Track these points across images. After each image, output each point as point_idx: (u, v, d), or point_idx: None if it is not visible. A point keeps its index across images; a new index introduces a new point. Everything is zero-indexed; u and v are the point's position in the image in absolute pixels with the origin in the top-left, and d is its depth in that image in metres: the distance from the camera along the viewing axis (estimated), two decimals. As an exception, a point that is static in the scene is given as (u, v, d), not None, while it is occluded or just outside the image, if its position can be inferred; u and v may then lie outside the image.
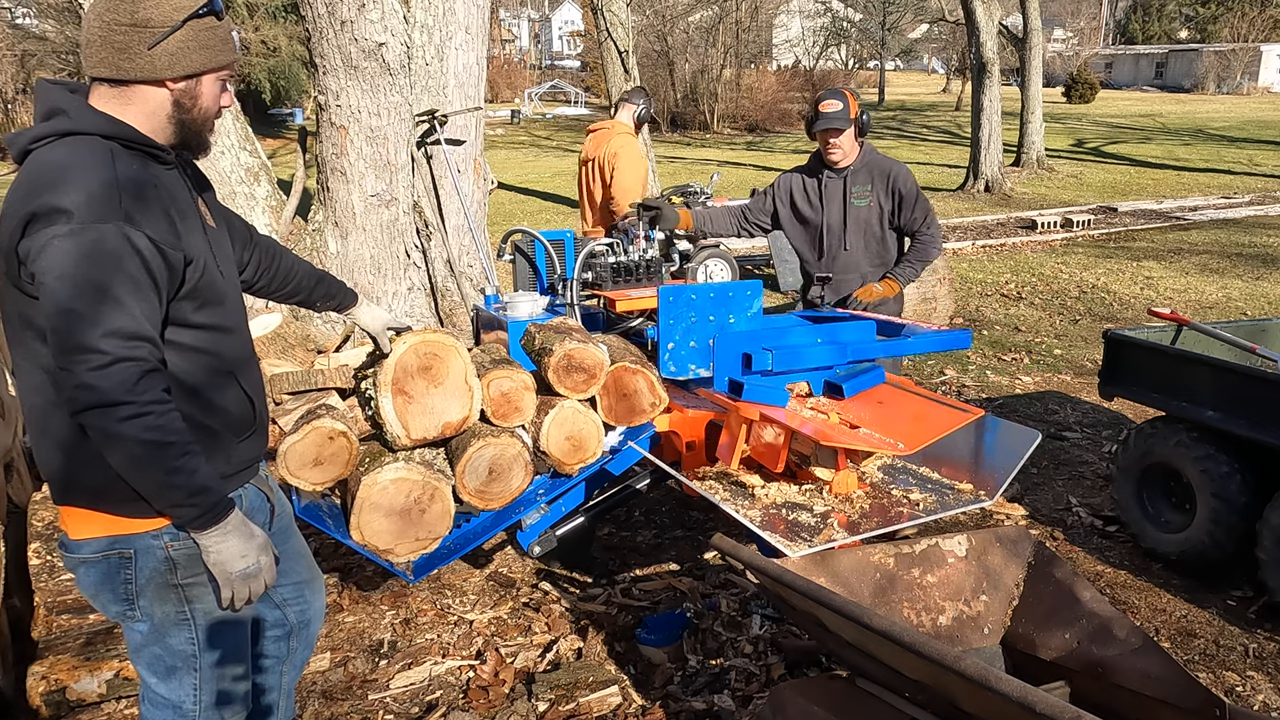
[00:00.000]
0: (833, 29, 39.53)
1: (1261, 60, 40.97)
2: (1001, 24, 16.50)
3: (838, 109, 3.67)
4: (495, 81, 37.00)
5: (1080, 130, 25.03)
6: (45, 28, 22.91)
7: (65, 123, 1.61)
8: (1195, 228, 11.69)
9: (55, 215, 1.52)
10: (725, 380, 2.87)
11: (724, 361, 2.92)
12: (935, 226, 3.83)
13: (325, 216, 5.74)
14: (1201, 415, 3.45)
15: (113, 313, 1.54)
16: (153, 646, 1.83)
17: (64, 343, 1.53)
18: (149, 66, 1.64)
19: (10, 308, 1.65)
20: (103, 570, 1.75)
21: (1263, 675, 2.95)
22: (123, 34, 1.61)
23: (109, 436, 1.56)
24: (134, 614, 1.79)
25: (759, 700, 2.71)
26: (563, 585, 3.49)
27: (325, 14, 5.14)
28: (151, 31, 1.62)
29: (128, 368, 1.55)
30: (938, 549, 2.44)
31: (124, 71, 1.64)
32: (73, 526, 1.73)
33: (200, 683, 1.88)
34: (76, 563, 1.76)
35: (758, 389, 2.74)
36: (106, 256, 1.54)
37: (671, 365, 3.21)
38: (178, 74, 1.67)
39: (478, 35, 5.84)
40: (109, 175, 1.58)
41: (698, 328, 3.21)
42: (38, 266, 1.53)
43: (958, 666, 1.57)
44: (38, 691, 2.56)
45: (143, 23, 1.61)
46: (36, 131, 1.61)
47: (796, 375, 2.90)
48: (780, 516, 2.59)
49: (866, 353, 3.06)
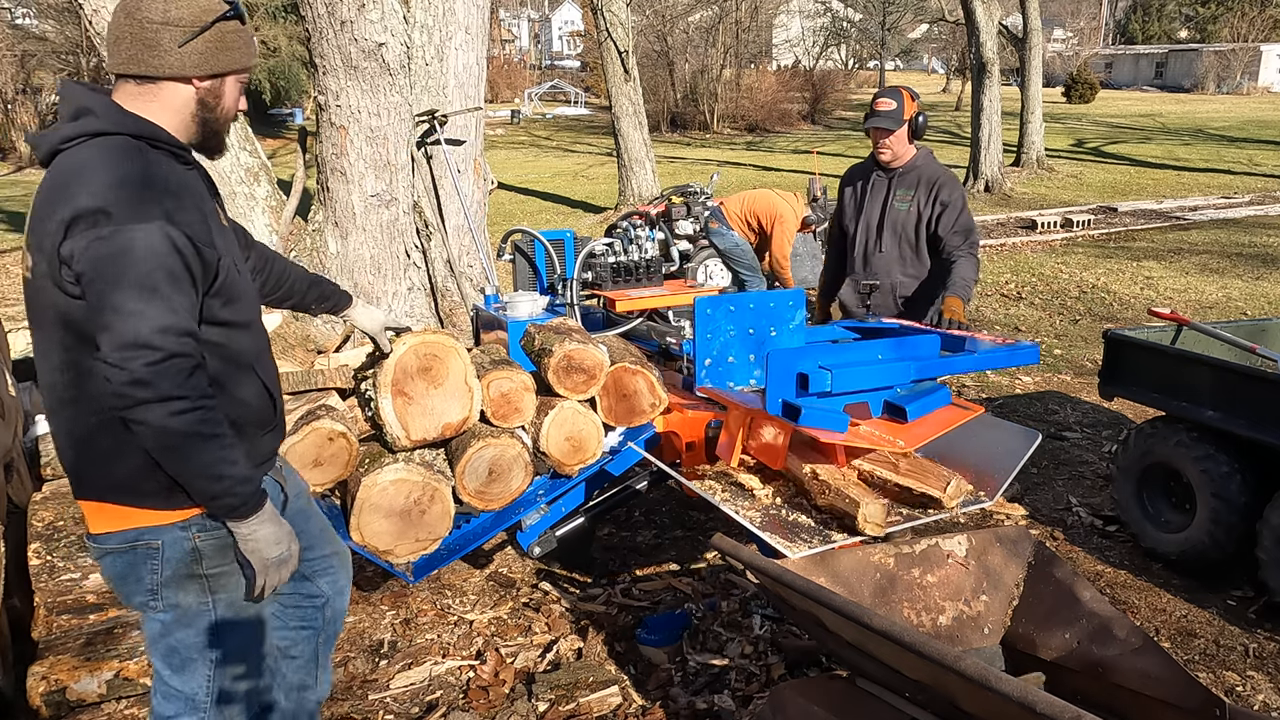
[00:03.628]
0: (833, 29, 39.52)
1: (1261, 60, 40.95)
2: (1001, 24, 16.50)
3: (891, 108, 3.56)
4: (495, 81, 36.98)
5: (1080, 130, 25.02)
6: (45, 28, 22.91)
7: (95, 123, 1.63)
8: (1195, 228, 11.68)
9: (97, 216, 1.54)
10: (779, 403, 2.54)
11: (777, 381, 2.56)
12: (977, 247, 3.61)
13: (325, 216, 5.73)
14: (1201, 415, 3.45)
15: (162, 309, 1.57)
16: (171, 638, 1.84)
17: (117, 339, 1.55)
18: (178, 64, 1.67)
19: (45, 308, 1.65)
20: (129, 561, 1.76)
21: (1263, 675, 2.95)
22: (154, 31, 1.64)
23: (160, 430, 1.59)
24: (156, 604, 1.80)
25: (759, 700, 2.71)
26: (563, 585, 3.49)
27: (325, 14, 5.14)
28: (182, 30, 1.65)
29: (180, 363, 1.58)
30: (938, 549, 2.44)
31: (153, 68, 1.66)
32: (94, 521, 1.75)
33: (214, 675, 1.89)
34: (102, 553, 1.78)
35: (816, 413, 2.42)
36: (151, 255, 1.56)
37: (709, 382, 3.04)
38: (204, 72, 1.70)
39: (478, 35, 5.84)
40: (145, 175, 1.61)
41: (737, 341, 3.03)
42: (83, 267, 1.55)
43: (958, 666, 1.57)
44: (38, 691, 2.56)
45: (174, 21, 1.65)
46: (66, 132, 1.62)
47: (856, 396, 2.62)
48: (780, 517, 2.59)
49: (933, 370, 2.81)
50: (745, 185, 13.49)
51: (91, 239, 1.54)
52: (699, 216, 7.17)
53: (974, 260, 3.54)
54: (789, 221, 6.88)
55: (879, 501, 2.26)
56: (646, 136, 13.66)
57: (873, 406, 2.64)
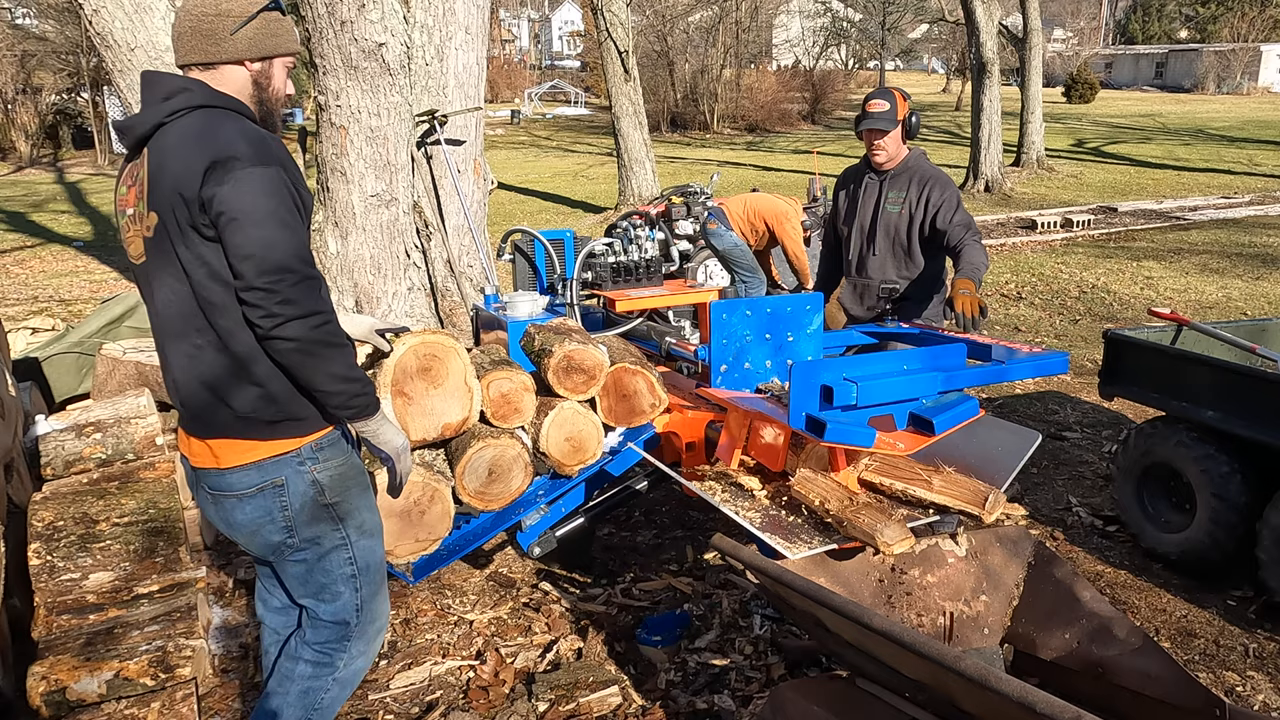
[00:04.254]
0: (833, 29, 39.51)
1: (1261, 60, 40.95)
2: (1001, 24, 16.50)
3: (884, 109, 3.54)
4: (495, 81, 36.99)
5: (1080, 130, 25.02)
6: (45, 28, 22.90)
7: (194, 98, 1.85)
8: (1195, 228, 11.68)
9: (231, 161, 1.76)
10: (802, 417, 2.43)
11: (801, 394, 2.44)
12: (979, 236, 3.50)
13: (325, 216, 5.73)
14: (1201, 415, 3.45)
15: (295, 238, 1.81)
16: (316, 574, 2.03)
17: (263, 265, 1.75)
18: (233, 49, 1.90)
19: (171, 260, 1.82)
20: (261, 503, 1.93)
21: (1263, 675, 2.95)
22: (209, 22, 1.88)
23: (307, 342, 1.80)
24: (293, 541, 1.98)
25: (759, 700, 2.71)
26: (563, 585, 3.49)
27: (325, 14, 5.14)
28: (233, 19, 1.89)
29: (313, 283, 1.81)
30: (938, 549, 2.44)
31: (212, 55, 1.90)
32: (224, 456, 1.90)
33: (361, 598, 2.08)
34: (235, 502, 1.93)
35: (841, 428, 2.32)
36: (280, 191, 1.80)
37: (724, 390, 3.00)
38: (255, 55, 1.93)
39: (478, 35, 5.84)
40: (256, 131, 1.85)
41: (753, 347, 2.99)
42: (226, 205, 1.74)
43: (958, 666, 1.57)
44: (38, 691, 2.56)
45: (226, 13, 1.89)
46: (171, 106, 1.83)
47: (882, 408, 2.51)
48: (780, 518, 2.58)
49: (960, 381, 2.70)
50: (745, 185, 13.49)
51: (232, 180, 1.74)
52: (699, 217, 7.17)
53: (981, 248, 3.46)
54: (794, 219, 6.88)
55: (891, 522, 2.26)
56: (646, 136, 13.66)
57: (897, 419, 2.55)
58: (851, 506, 2.34)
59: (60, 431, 3.75)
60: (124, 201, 1.93)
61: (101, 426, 3.77)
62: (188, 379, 1.90)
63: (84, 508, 3.27)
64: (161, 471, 3.65)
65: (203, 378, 1.87)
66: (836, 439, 2.34)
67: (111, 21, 5.16)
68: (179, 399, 1.94)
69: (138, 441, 3.77)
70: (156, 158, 1.81)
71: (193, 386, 1.89)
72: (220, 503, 1.95)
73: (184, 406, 1.94)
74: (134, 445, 3.76)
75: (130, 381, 4.40)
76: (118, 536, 3.19)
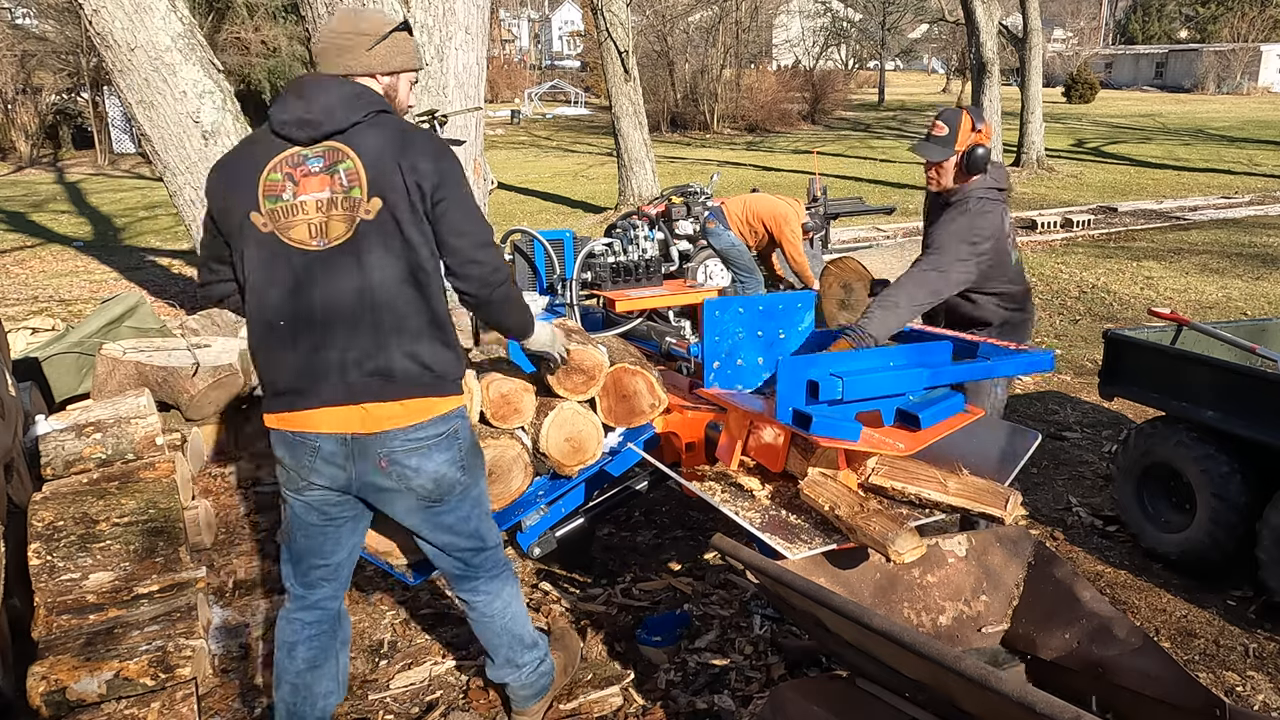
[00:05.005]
0: (833, 29, 39.51)
1: (1261, 60, 40.97)
2: (1001, 24, 16.50)
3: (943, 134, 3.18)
4: (495, 81, 37.00)
5: (1080, 130, 25.02)
6: (45, 28, 22.89)
7: (375, 101, 2.12)
8: (1195, 228, 11.68)
9: (446, 153, 2.12)
10: (789, 411, 2.50)
11: (787, 389, 2.51)
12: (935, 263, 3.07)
13: (325, 217, 5.73)
14: (1201, 415, 3.45)
15: (484, 218, 2.23)
16: (480, 505, 2.36)
17: (478, 240, 2.14)
18: (368, 63, 2.15)
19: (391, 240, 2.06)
20: (446, 448, 2.19)
21: (1263, 675, 2.95)
22: (349, 40, 2.13)
23: (513, 296, 2.29)
24: (465, 478, 2.26)
25: (759, 700, 2.71)
26: (563, 585, 3.49)
27: (325, 14, 5.14)
28: (369, 38, 2.14)
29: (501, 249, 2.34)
30: (938, 549, 2.44)
31: (350, 68, 2.13)
32: (419, 412, 2.13)
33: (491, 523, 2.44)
34: (427, 451, 2.16)
35: (827, 422, 2.40)
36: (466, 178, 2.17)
37: (716, 385, 3.02)
38: (385, 70, 2.18)
39: (478, 35, 5.83)
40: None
41: (746, 343, 3.02)
42: (446, 192, 2.08)
43: (958, 666, 1.57)
44: (38, 691, 2.56)
45: (363, 32, 2.14)
46: (361, 106, 2.08)
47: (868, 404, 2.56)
48: (780, 518, 2.58)
49: (946, 377, 2.73)
50: (745, 185, 13.49)
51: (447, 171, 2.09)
52: (699, 216, 7.17)
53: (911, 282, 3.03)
54: (794, 221, 6.88)
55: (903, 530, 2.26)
56: (646, 136, 13.65)
57: (885, 414, 2.59)
58: (862, 513, 2.34)
59: (60, 431, 3.75)
60: (276, 187, 2.05)
61: (101, 426, 3.77)
62: (388, 346, 2.09)
63: (84, 508, 3.27)
64: (161, 471, 3.64)
65: (409, 343, 2.10)
66: (822, 432, 2.40)
67: (111, 21, 5.16)
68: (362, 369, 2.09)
69: (138, 441, 3.77)
70: (369, 152, 2.05)
71: (394, 353, 2.09)
72: (409, 456, 2.14)
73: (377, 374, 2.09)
74: (134, 445, 3.76)
75: (130, 381, 4.40)
76: (118, 536, 3.20)
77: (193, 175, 5.50)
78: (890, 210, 10.44)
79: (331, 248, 2.05)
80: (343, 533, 2.28)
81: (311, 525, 2.24)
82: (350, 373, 2.08)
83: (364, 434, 2.10)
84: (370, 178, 2.04)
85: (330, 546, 2.28)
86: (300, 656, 2.35)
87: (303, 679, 2.35)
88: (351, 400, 2.08)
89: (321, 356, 2.07)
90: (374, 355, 2.08)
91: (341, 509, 2.24)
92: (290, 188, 2.04)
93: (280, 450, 2.17)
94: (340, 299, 2.06)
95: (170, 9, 5.33)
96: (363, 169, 2.03)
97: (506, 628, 2.48)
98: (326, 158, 2.04)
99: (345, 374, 2.08)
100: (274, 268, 2.06)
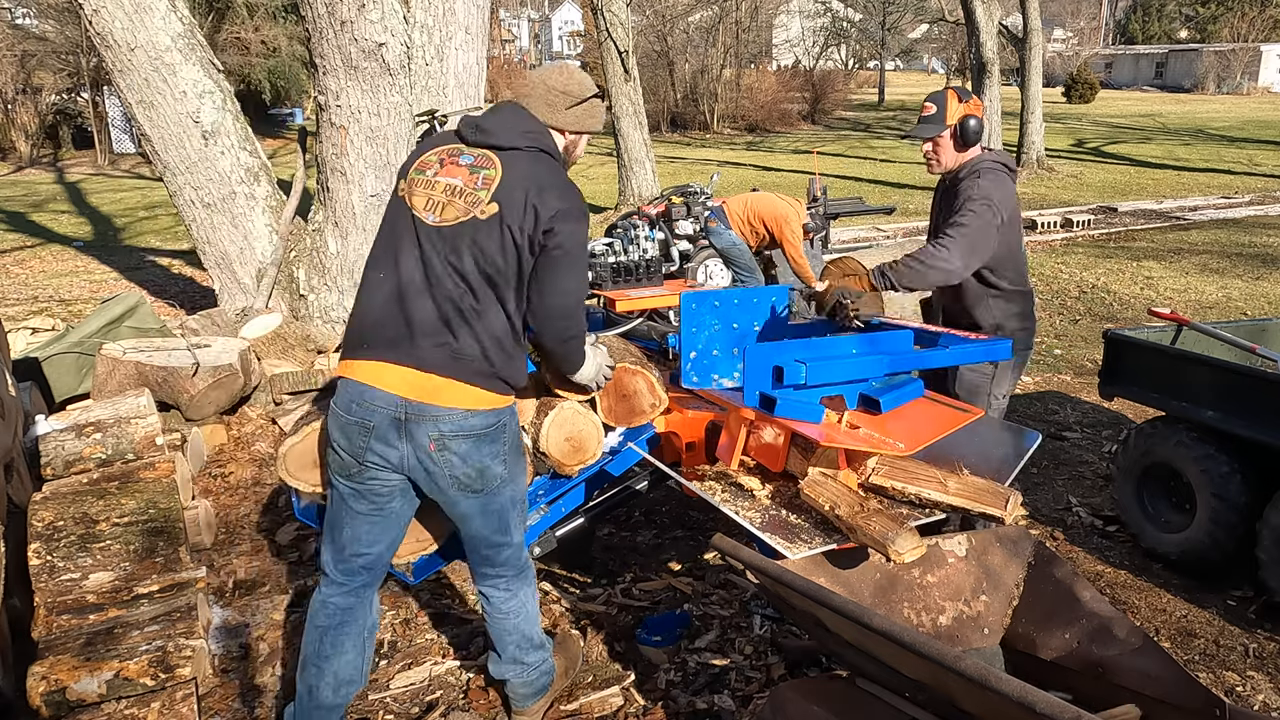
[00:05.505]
0: (833, 29, 39.49)
1: (1261, 60, 40.96)
2: (1001, 24, 16.50)
3: (931, 112, 3.20)
4: (495, 81, 36.92)
5: (1080, 130, 25.02)
6: (45, 28, 22.88)
7: (545, 142, 2.33)
8: (1195, 228, 11.69)
9: (576, 213, 2.27)
10: (755, 395, 2.63)
11: (754, 374, 2.67)
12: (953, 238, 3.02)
13: (325, 216, 5.73)
14: (1201, 415, 3.45)
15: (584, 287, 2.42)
16: (515, 503, 2.44)
17: (572, 299, 2.33)
18: (562, 120, 2.37)
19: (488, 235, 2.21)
20: (492, 440, 2.29)
21: (1263, 675, 2.95)
22: (555, 97, 2.36)
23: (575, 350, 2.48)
24: (505, 472, 2.35)
25: (759, 700, 2.72)
26: (563, 585, 3.49)
27: (325, 14, 5.14)
28: (571, 98, 2.37)
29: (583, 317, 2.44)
30: (938, 549, 2.44)
31: (547, 119, 2.36)
32: (473, 400, 2.25)
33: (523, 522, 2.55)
34: (475, 440, 2.25)
35: (791, 404, 2.54)
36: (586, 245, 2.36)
37: (694, 375, 3.08)
38: (573, 129, 2.40)
39: (478, 35, 5.84)
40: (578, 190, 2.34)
41: (721, 335, 3.08)
42: (562, 244, 2.24)
43: (958, 666, 1.57)
44: (38, 691, 2.56)
45: (569, 93, 2.37)
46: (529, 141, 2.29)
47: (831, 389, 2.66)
48: (780, 518, 2.58)
49: (906, 364, 2.81)
50: (745, 185, 13.49)
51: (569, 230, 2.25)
52: (699, 216, 7.17)
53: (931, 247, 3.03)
54: (794, 222, 6.87)
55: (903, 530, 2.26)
56: (646, 136, 13.65)
57: (848, 399, 2.69)
58: (863, 513, 2.34)
59: (60, 431, 3.75)
60: (427, 164, 2.30)
61: (101, 426, 3.77)
62: (464, 329, 2.22)
63: (84, 508, 3.27)
64: (161, 471, 3.65)
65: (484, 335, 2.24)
66: (786, 414, 2.54)
67: (111, 21, 5.16)
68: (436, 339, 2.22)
69: (138, 441, 3.78)
70: (514, 172, 2.25)
71: (467, 339, 2.23)
72: (459, 442, 2.24)
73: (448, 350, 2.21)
74: (134, 445, 3.77)
75: (130, 381, 4.40)
76: (118, 536, 3.20)
77: (193, 175, 5.51)
78: (890, 210, 10.45)
79: (441, 225, 2.23)
80: (389, 523, 2.36)
81: (359, 514, 2.31)
82: (425, 340, 2.21)
83: (419, 402, 2.20)
84: (501, 190, 2.23)
85: (375, 535, 2.36)
86: (329, 641, 2.40)
87: (329, 664, 2.40)
88: (418, 365, 2.20)
89: (405, 315, 2.22)
90: (451, 332, 2.22)
91: (390, 498, 2.31)
92: (435, 168, 2.29)
93: (336, 434, 2.26)
94: (437, 272, 2.22)
95: (170, 9, 5.34)
96: (499, 182, 2.24)
97: (518, 626, 2.55)
98: (477, 160, 2.28)
99: (421, 339, 2.21)
100: (393, 226, 2.30)
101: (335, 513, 2.35)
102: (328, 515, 2.39)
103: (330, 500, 2.36)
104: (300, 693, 2.43)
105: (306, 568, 3.56)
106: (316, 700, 2.41)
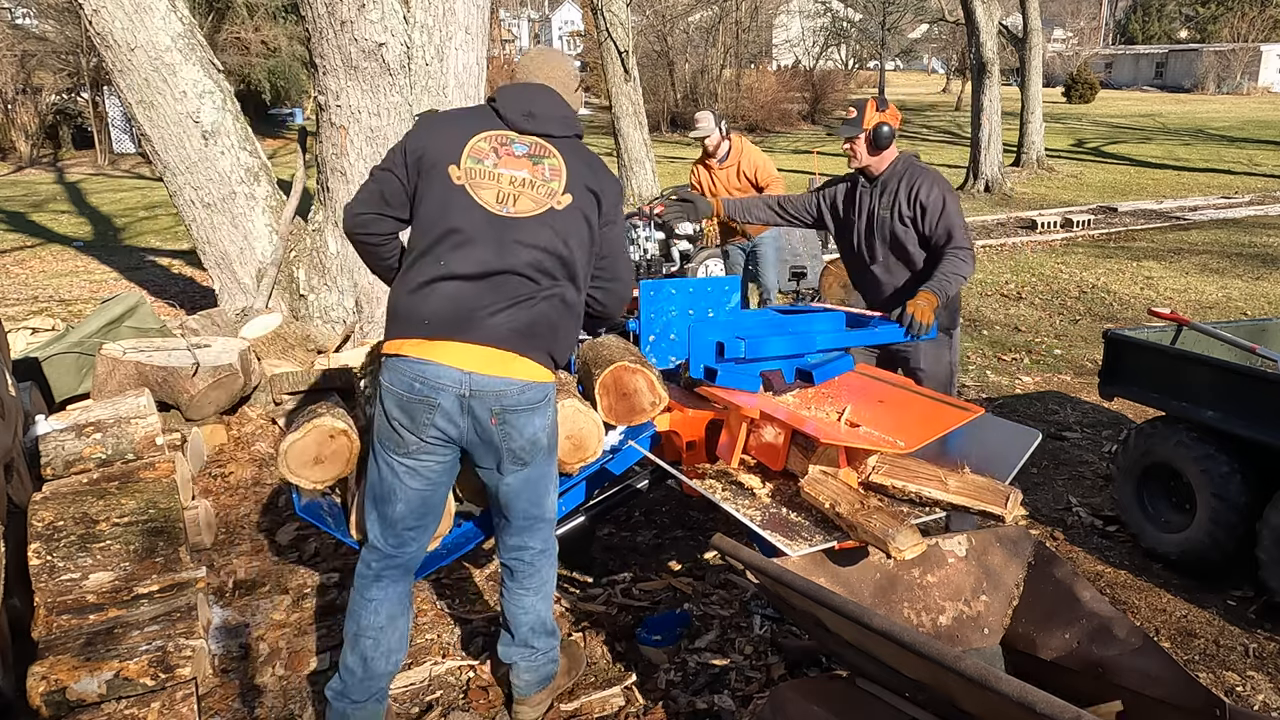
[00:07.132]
0: (833, 29, 39.46)
1: (1261, 60, 40.95)
2: (1001, 24, 16.50)
3: (851, 116, 3.57)
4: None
5: (1080, 130, 25.02)
6: (45, 28, 22.88)
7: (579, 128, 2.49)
8: (1195, 228, 11.69)
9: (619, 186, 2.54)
10: (700, 368, 2.96)
11: (699, 350, 3.00)
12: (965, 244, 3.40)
13: (325, 216, 5.74)
14: (1201, 415, 3.45)
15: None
16: (551, 478, 2.54)
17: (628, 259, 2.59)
18: (574, 101, 2.55)
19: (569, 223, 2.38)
20: (543, 413, 2.41)
21: (1263, 675, 2.95)
22: (570, 80, 2.54)
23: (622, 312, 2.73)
24: (548, 445, 2.47)
25: (759, 700, 2.71)
26: (563, 585, 3.49)
27: (325, 14, 5.14)
28: (577, 79, 2.57)
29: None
30: (938, 549, 2.44)
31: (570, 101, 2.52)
32: (535, 374, 2.36)
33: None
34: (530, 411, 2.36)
35: (732, 374, 2.87)
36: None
37: (652, 357, 3.30)
38: (578, 106, 2.55)
39: (478, 35, 5.84)
40: None
41: (678, 321, 3.31)
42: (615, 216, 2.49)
43: (958, 666, 1.57)
44: (38, 691, 2.56)
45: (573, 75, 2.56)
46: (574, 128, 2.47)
47: (769, 363, 2.97)
48: (780, 516, 2.58)
49: (835, 342, 3.13)
50: (745, 185, 13.46)
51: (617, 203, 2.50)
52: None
53: (961, 259, 3.35)
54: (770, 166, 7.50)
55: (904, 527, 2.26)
56: (646, 136, 13.66)
57: (786, 373, 2.98)
58: (863, 510, 2.34)
59: (60, 431, 3.75)
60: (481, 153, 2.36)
61: (101, 426, 3.77)
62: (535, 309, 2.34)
63: (84, 508, 3.27)
64: (161, 471, 3.64)
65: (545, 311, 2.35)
66: (727, 384, 2.88)
67: (111, 21, 5.16)
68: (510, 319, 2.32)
69: (138, 441, 3.77)
70: (574, 161, 2.42)
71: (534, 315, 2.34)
72: (518, 415, 2.34)
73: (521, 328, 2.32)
74: (134, 445, 3.76)
75: (130, 381, 4.40)
76: (118, 536, 3.20)
77: (193, 175, 5.51)
78: (890, 210, 10.44)
79: (520, 218, 2.34)
80: (439, 494, 2.46)
81: (412, 489, 2.38)
82: (498, 318, 2.31)
83: (484, 375, 2.29)
84: (569, 180, 2.40)
85: (427, 507, 2.44)
86: (384, 612, 2.46)
87: (384, 634, 2.46)
88: (488, 342, 2.30)
89: (475, 297, 2.30)
90: (524, 313, 2.34)
91: (441, 473, 2.41)
92: (492, 158, 2.35)
93: (397, 412, 2.31)
94: (514, 260, 2.32)
95: (170, 9, 5.33)
96: (565, 171, 2.39)
97: (535, 606, 2.59)
98: (532, 149, 2.38)
99: (493, 318, 2.30)
100: (454, 214, 2.32)
101: (386, 489, 2.39)
102: (375, 492, 2.42)
103: (380, 477, 2.39)
104: (351, 667, 2.45)
105: (306, 568, 3.56)
106: (371, 671, 2.45)
